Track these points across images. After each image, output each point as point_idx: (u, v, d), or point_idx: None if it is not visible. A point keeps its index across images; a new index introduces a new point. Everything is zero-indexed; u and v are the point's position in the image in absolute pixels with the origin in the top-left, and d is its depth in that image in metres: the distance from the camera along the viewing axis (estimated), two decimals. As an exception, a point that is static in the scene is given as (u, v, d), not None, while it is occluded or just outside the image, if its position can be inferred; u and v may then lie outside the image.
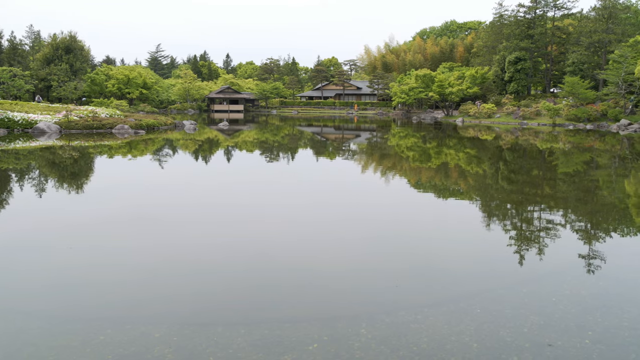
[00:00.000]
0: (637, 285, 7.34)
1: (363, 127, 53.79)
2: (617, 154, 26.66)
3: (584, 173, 19.90)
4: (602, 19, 60.14)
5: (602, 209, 13.03)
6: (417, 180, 17.52)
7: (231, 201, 13.13)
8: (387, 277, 7.54)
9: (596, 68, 58.36)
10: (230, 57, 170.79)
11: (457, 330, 5.73)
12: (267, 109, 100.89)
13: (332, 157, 25.65)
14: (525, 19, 67.22)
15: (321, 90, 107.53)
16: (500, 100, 64.34)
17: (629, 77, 48.65)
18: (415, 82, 70.95)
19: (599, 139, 36.32)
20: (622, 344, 5.46)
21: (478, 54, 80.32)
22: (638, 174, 19.43)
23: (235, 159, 23.84)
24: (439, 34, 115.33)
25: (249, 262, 8.16)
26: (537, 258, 8.62)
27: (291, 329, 5.76)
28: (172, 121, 45.72)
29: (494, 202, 13.90)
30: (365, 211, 12.18)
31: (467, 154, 26.18)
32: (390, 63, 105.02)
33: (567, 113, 52.07)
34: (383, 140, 36.99)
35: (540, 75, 69.53)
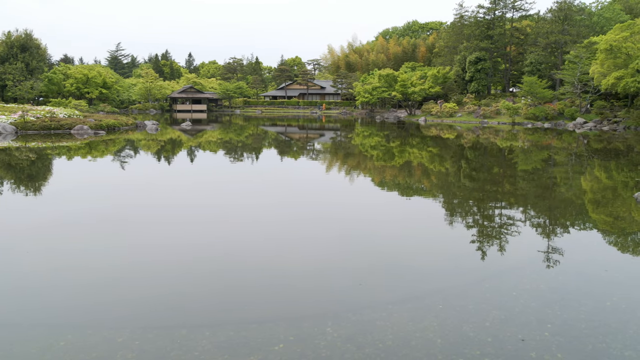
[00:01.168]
0: (594, 279, 7.58)
1: (327, 126, 53.93)
2: (574, 152, 27.46)
3: (543, 170, 20.43)
4: (558, 20, 61.87)
5: (560, 205, 13.40)
6: (381, 179, 17.67)
7: (195, 202, 12.98)
8: (352, 275, 7.58)
9: (553, 68, 59.98)
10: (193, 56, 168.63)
11: (422, 327, 5.81)
12: (231, 108, 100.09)
13: (296, 156, 25.64)
14: (484, 19, 68.61)
15: (285, 89, 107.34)
16: (461, 100, 65.47)
17: (584, 77, 50.16)
18: (379, 82, 71.52)
19: (556, 137, 37.34)
20: (579, 335, 5.63)
21: (440, 54, 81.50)
22: (593, 171, 20.05)
23: (199, 159, 23.58)
24: (402, 34, 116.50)
25: (214, 263, 8.09)
26: (499, 254, 8.80)
27: (257, 329, 5.73)
28: (134, 121, 44.91)
29: (456, 199, 14.13)
30: (329, 210, 12.22)
31: (430, 153, 26.55)
32: (354, 63, 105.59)
33: (525, 112, 53.34)
34: (347, 139, 37.18)
35: (499, 75, 71.04)
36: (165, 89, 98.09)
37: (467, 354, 5.21)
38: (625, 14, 69.40)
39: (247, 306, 6.42)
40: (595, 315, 6.19)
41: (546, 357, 5.15)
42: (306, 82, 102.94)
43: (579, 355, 5.18)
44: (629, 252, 9.18)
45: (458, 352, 5.24)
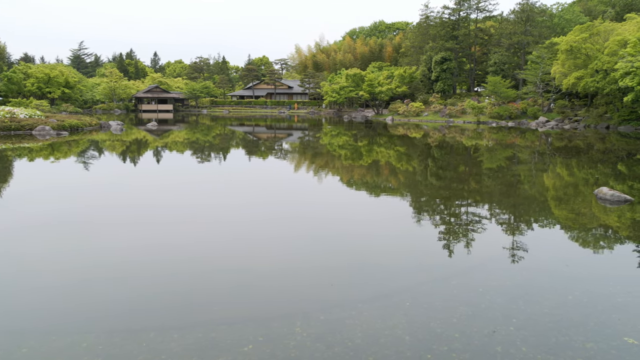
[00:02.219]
0: (556, 274, 7.76)
1: (295, 126, 53.89)
2: (537, 150, 28.09)
3: (507, 168, 20.83)
4: (521, 21, 63.24)
5: (524, 202, 13.69)
6: (350, 178, 17.74)
7: (162, 202, 12.80)
8: (321, 274, 7.60)
9: (516, 68, 61.27)
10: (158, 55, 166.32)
11: (390, 324, 5.86)
12: (198, 108, 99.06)
13: (265, 156, 25.54)
14: (450, 20, 69.62)
15: (252, 89, 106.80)
16: (427, 99, 66.25)
17: (546, 77, 51.38)
18: (346, 82, 71.80)
19: (520, 135, 38.13)
20: (543, 329, 5.76)
21: (406, 54, 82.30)
22: (555, 168, 20.56)
23: (165, 160, 23.26)
24: (368, 34, 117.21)
25: (181, 264, 7.99)
26: (465, 251, 8.94)
27: (226, 330, 5.69)
28: (98, 122, 44.02)
29: (423, 198, 14.29)
30: (298, 210, 12.22)
31: (397, 152, 26.78)
32: (321, 62, 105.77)
33: (490, 111, 54.32)
34: (315, 139, 37.22)
35: (465, 74, 72.17)
36: (130, 89, 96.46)
37: (435, 350, 5.28)
38: (585, 16, 71.33)
39: (216, 307, 6.36)
40: (558, 309, 6.34)
41: (511, 351, 5.26)
42: (274, 81, 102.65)
43: (543, 349, 5.30)
44: (590, 248, 9.44)
45: (426, 349, 5.30)
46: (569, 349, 5.30)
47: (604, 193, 13.13)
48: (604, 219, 11.48)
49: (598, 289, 7.09)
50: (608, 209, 12.21)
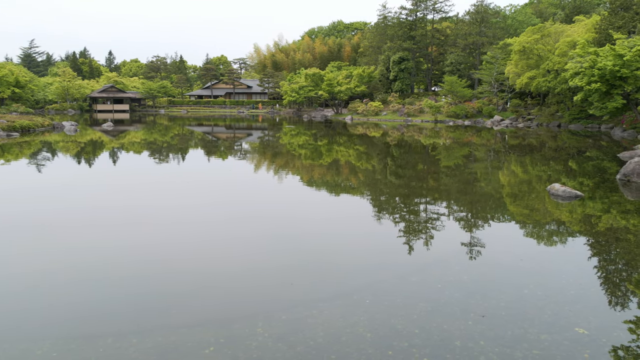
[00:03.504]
0: (512, 268, 7.98)
1: (254, 126, 53.60)
2: (492, 148, 28.77)
3: (464, 166, 21.26)
4: (476, 22, 64.68)
5: (481, 199, 14.01)
6: (310, 178, 17.77)
7: (118, 204, 12.52)
8: (282, 274, 7.59)
9: (472, 68, 62.60)
10: (114, 54, 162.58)
11: (352, 322, 5.90)
12: (155, 108, 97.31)
13: (224, 156, 25.31)
14: (407, 20, 70.59)
15: (211, 89, 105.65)
16: (386, 99, 66.97)
17: (500, 77, 52.68)
18: (305, 81, 71.86)
19: (476, 134, 38.97)
20: (500, 323, 5.91)
21: (364, 54, 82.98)
22: (510, 166, 21.11)
23: (122, 161, 22.76)
24: (327, 34, 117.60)
25: (138, 266, 7.84)
26: (424, 248, 9.09)
27: (186, 333, 5.62)
28: (50, 122, 42.73)
29: (383, 196, 14.44)
30: (257, 209, 12.16)
31: (357, 151, 26.97)
32: (280, 62, 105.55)
33: (447, 110, 55.33)
34: (275, 138, 37.11)
35: (422, 74, 73.29)
36: (85, 89, 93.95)
37: (396, 346, 5.34)
38: (536, 18, 73.49)
39: (176, 310, 6.27)
40: (514, 303, 6.51)
41: (470, 344, 5.37)
42: (232, 81, 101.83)
43: (500, 341, 5.44)
44: (543, 242, 9.73)
45: (387, 345, 5.36)
46: (524, 341, 5.46)
47: (556, 189, 13.55)
48: (557, 214, 11.85)
49: (551, 283, 7.32)
50: (560, 205, 12.61)
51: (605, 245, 9.44)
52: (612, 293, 6.96)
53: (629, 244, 9.40)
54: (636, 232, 10.17)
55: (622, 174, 15.90)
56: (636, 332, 5.72)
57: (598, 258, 8.65)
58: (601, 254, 8.91)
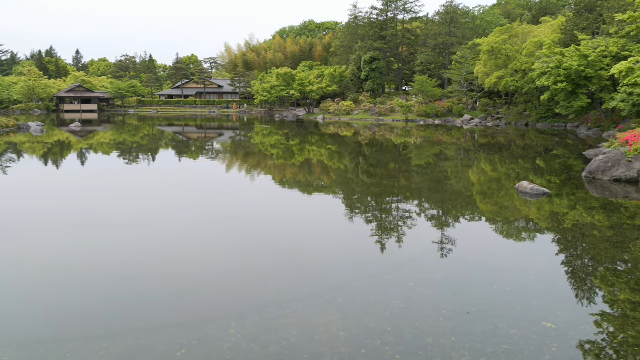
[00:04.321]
0: (483, 265, 8.11)
1: (226, 125, 53.24)
2: (462, 147, 29.16)
3: (435, 165, 21.50)
4: (445, 23, 65.44)
5: (452, 197, 14.18)
6: (282, 177, 17.74)
7: (86, 205, 12.29)
8: (255, 274, 7.57)
9: (442, 68, 63.31)
10: (81, 53, 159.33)
11: (325, 322, 5.91)
12: (124, 108, 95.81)
13: (195, 157, 25.08)
14: (378, 20, 70.96)
15: (181, 88, 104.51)
16: (358, 98, 67.22)
17: (470, 77, 53.41)
18: (277, 81, 71.66)
19: (446, 133, 39.44)
20: (471, 319, 6.00)
21: (336, 54, 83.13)
22: (480, 164, 21.43)
23: (90, 161, 22.35)
24: (299, 34, 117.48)
25: (108, 268, 7.72)
26: (397, 246, 9.16)
27: (157, 336, 5.56)
28: (16, 123, 41.71)
29: (355, 195, 14.51)
30: (230, 210, 12.09)
31: (329, 150, 27.03)
32: (252, 61, 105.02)
33: (418, 109, 55.85)
34: (247, 138, 36.94)
35: (393, 74, 73.78)
36: (51, 88, 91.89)
37: (369, 344, 5.38)
38: (504, 18, 74.72)
39: (146, 312, 6.20)
40: (484, 299, 6.62)
41: (442, 341, 5.44)
42: (203, 80, 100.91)
43: (471, 337, 5.52)
44: (512, 239, 9.91)
45: (361, 344, 5.39)
46: (494, 337, 5.55)
47: (524, 187, 13.81)
48: (525, 212, 12.08)
49: (520, 279, 7.46)
50: (528, 202, 12.86)
51: (572, 241, 9.66)
52: (579, 288, 7.13)
53: (595, 239, 9.64)
54: (601, 228, 10.44)
55: (587, 171, 16.29)
56: (602, 326, 5.88)
57: (565, 254, 8.85)
58: (568, 250, 9.12)
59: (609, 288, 7.12)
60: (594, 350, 5.32)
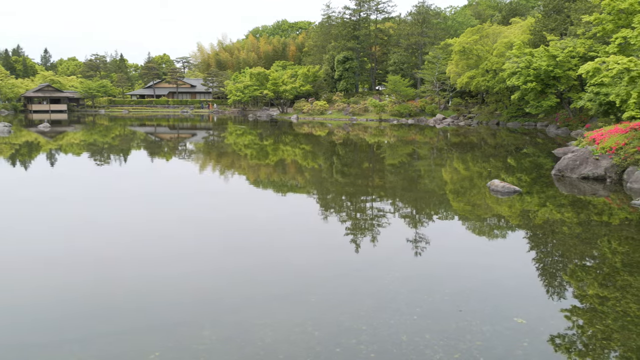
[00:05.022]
0: (456, 263, 8.20)
1: (199, 125, 52.79)
2: (435, 146, 29.45)
3: (408, 164, 21.67)
4: (418, 23, 66.02)
5: (425, 196, 14.31)
6: (256, 178, 17.67)
7: (57, 206, 12.03)
8: (228, 275, 7.51)
9: (414, 68, 63.81)
10: (49, 52, 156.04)
11: (300, 321, 5.90)
12: (95, 108, 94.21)
13: (167, 157, 24.80)
14: (351, 20, 71.16)
15: (153, 88, 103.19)
16: (331, 98, 67.34)
17: (442, 76, 53.98)
18: (250, 80, 71.33)
19: (419, 132, 39.78)
20: (444, 316, 6.06)
21: (309, 53, 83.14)
22: (452, 163, 21.68)
23: (59, 163, 21.90)
24: (272, 33, 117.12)
25: (79, 271, 7.58)
26: (371, 245, 9.21)
27: (130, 339, 5.48)
28: (-19, 123, 40.62)
29: (330, 195, 14.53)
30: (203, 210, 11.98)
31: (303, 150, 27.01)
32: (225, 61, 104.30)
33: (391, 109, 56.22)
34: (220, 138, 36.68)
35: (366, 73, 74.12)
36: (18, 88, 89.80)
37: (344, 343, 5.39)
38: (475, 19, 75.68)
39: (118, 316, 6.10)
40: (457, 296, 6.69)
41: (416, 339, 5.48)
42: (175, 80, 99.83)
43: (445, 334, 5.58)
44: (484, 237, 10.05)
45: (335, 343, 5.40)
46: (468, 333, 5.62)
47: (495, 185, 14.01)
48: (497, 209, 12.26)
49: (492, 275, 7.57)
50: (500, 200, 13.05)
51: (542, 238, 9.84)
52: (549, 284, 7.27)
53: (564, 236, 9.84)
54: (570, 224, 10.66)
55: (556, 169, 16.61)
56: (572, 320, 6.00)
57: (536, 250, 9.01)
58: (538, 247, 9.29)
59: (578, 283, 7.27)
60: (564, 344, 5.42)
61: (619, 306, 6.36)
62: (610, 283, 7.21)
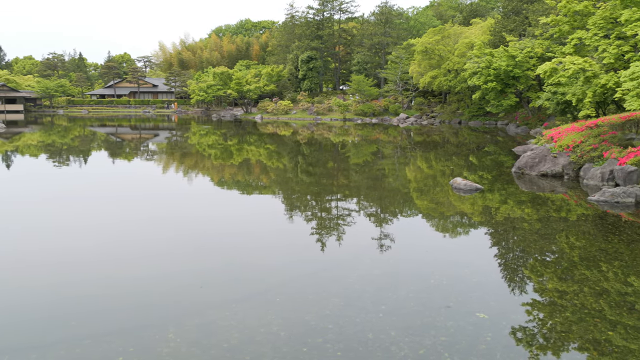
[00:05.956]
0: (419, 260, 8.30)
1: (161, 126, 52.00)
2: (399, 145, 29.76)
3: (372, 163, 21.83)
4: (380, 23, 66.63)
5: (389, 194, 14.44)
6: (219, 178, 17.51)
7: (14, 208, 11.66)
8: (192, 277, 7.42)
9: (378, 67, 64.40)
10: (4, 50, 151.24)
11: (266, 322, 5.87)
12: (53, 108, 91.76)
13: (129, 158, 24.34)
14: (314, 20, 71.29)
15: (114, 88, 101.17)
16: (295, 97, 67.33)
17: (405, 76, 54.63)
18: (214, 80, 70.70)
19: (383, 131, 40.13)
20: (409, 313, 6.12)
21: (273, 53, 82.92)
22: (416, 161, 21.94)
23: (15, 165, 21.23)
24: (235, 32, 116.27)
25: (34, 275, 7.36)
26: (337, 244, 9.23)
27: (92, 345, 5.35)
28: None
29: (294, 194, 14.51)
30: (165, 211, 11.80)
31: (267, 150, 26.91)
32: (187, 60, 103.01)
33: (355, 108, 56.56)
34: (183, 139, 36.22)
35: (330, 73, 74.39)
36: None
37: (310, 342, 5.39)
38: (437, 20, 76.84)
39: (80, 320, 5.95)
40: (422, 293, 6.78)
41: (382, 336, 5.52)
42: (137, 80, 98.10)
43: (410, 331, 5.64)
44: (447, 234, 10.21)
45: (302, 342, 5.39)
46: (432, 329, 5.69)
47: (458, 183, 14.25)
48: (459, 207, 12.47)
49: (455, 272, 7.69)
50: (462, 197, 13.28)
51: (503, 234, 10.05)
52: (511, 279, 7.43)
53: (525, 232, 10.07)
54: (530, 220, 10.92)
55: (516, 167, 17.00)
56: (532, 314, 6.14)
57: (497, 247, 9.19)
58: (500, 243, 9.48)
59: (538, 278, 7.45)
60: (526, 337, 5.55)
61: (577, 299, 6.55)
62: (569, 277, 7.42)
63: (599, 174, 14.37)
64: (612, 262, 7.96)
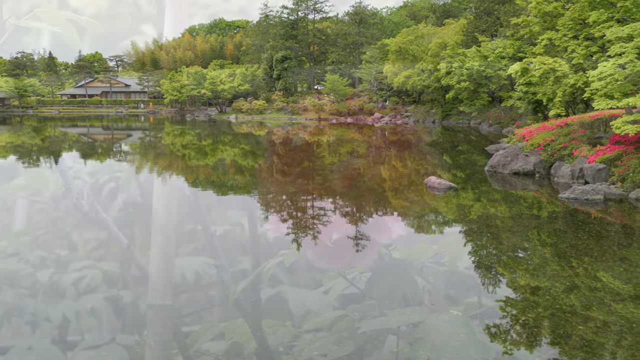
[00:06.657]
0: (395, 259, 8.35)
1: (134, 126, 51.32)
2: (374, 144, 29.89)
3: (348, 162, 21.88)
4: (355, 23, 66.87)
5: (365, 193, 14.49)
6: (195, 179, 17.35)
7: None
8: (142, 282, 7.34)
9: (352, 67, 64.58)
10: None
11: (251, 324, 5.83)
12: (22, 108, 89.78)
13: (102, 159, 23.95)
14: (289, 20, 71.14)
15: (85, 87, 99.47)
16: (270, 97, 67.11)
17: (379, 76, 54.90)
18: (187, 80, 70.09)
19: (358, 131, 40.27)
20: (386, 308, 6.16)
21: (248, 52, 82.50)
22: (391, 161, 22.07)
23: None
24: (209, 32, 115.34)
25: None
26: (313, 243, 9.23)
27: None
28: None
29: (270, 194, 14.46)
30: (137, 211, 11.67)
31: (242, 150, 26.77)
32: (161, 59, 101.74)
33: (330, 108, 56.69)
34: (157, 139, 35.80)
35: (305, 73, 74.29)
36: None
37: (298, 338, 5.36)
38: (411, 20, 77.42)
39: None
40: (397, 291, 6.82)
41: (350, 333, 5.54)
42: (109, 79, 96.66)
43: (387, 330, 5.67)
44: (423, 232, 10.30)
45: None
46: (411, 326, 5.73)
47: (432, 182, 14.38)
48: (434, 205, 12.58)
49: (431, 269, 7.75)
50: (436, 196, 13.40)
51: (477, 232, 10.18)
52: (484, 276, 7.52)
53: (497, 229, 10.22)
54: (503, 218, 11.08)
55: (489, 165, 17.23)
56: (505, 310, 6.23)
57: (471, 244, 9.30)
58: (474, 241, 9.59)
59: (511, 275, 7.57)
60: (499, 333, 5.63)
61: (549, 295, 6.66)
62: (541, 273, 7.54)
63: (569, 172, 14.65)
64: (582, 257, 8.13)
